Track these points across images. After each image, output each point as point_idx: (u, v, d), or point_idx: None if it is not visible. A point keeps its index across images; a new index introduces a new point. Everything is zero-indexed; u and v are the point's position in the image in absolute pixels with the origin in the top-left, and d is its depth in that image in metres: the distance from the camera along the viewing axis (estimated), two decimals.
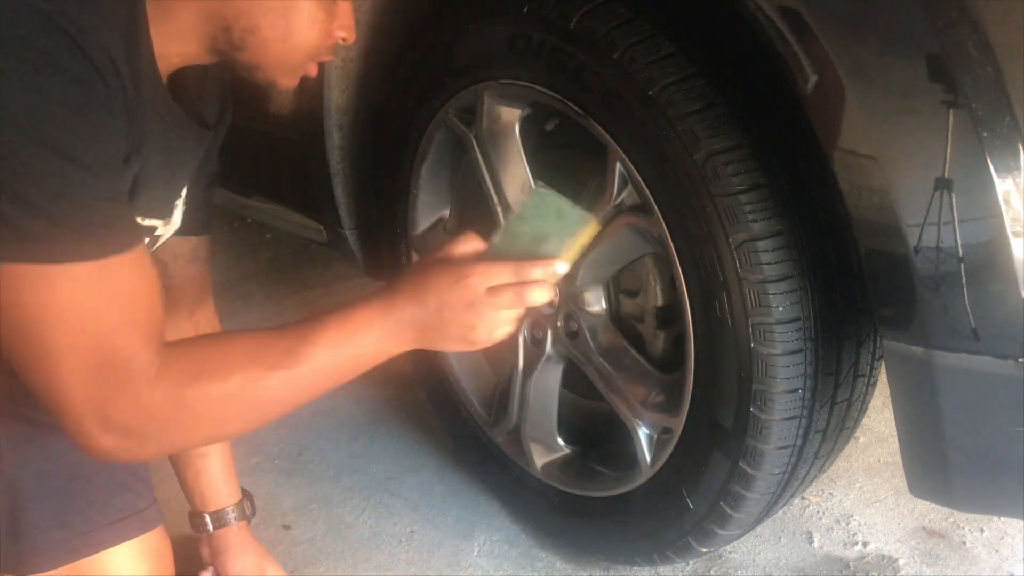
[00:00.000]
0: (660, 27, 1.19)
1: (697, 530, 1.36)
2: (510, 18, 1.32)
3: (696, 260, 1.19)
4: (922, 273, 0.98)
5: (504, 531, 1.69)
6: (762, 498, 1.29)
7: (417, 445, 1.92)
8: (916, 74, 0.94)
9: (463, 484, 1.80)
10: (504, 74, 1.36)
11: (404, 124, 1.56)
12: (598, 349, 1.41)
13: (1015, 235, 0.93)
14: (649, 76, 1.17)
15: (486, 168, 1.44)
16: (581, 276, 1.38)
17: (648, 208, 1.23)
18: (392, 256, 1.70)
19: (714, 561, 1.58)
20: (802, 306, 1.16)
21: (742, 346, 1.17)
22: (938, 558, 1.58)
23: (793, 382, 1.18)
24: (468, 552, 1.64)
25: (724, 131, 1.14)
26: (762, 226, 1.13)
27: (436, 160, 1.57)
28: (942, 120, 0.93)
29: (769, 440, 1.21)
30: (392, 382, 2.12)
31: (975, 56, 0.91)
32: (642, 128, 1.19)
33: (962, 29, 0.92)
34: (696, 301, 1.21)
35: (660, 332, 1.41)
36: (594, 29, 1.21)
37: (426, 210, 1.62)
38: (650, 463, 1.38)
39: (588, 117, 1.26)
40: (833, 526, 1.66)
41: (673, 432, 1.32)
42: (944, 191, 0.94)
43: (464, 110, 1.47)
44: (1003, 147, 0.92)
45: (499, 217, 1.45)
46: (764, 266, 1.14)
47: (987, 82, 0.91)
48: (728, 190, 1.13)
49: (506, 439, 1.63)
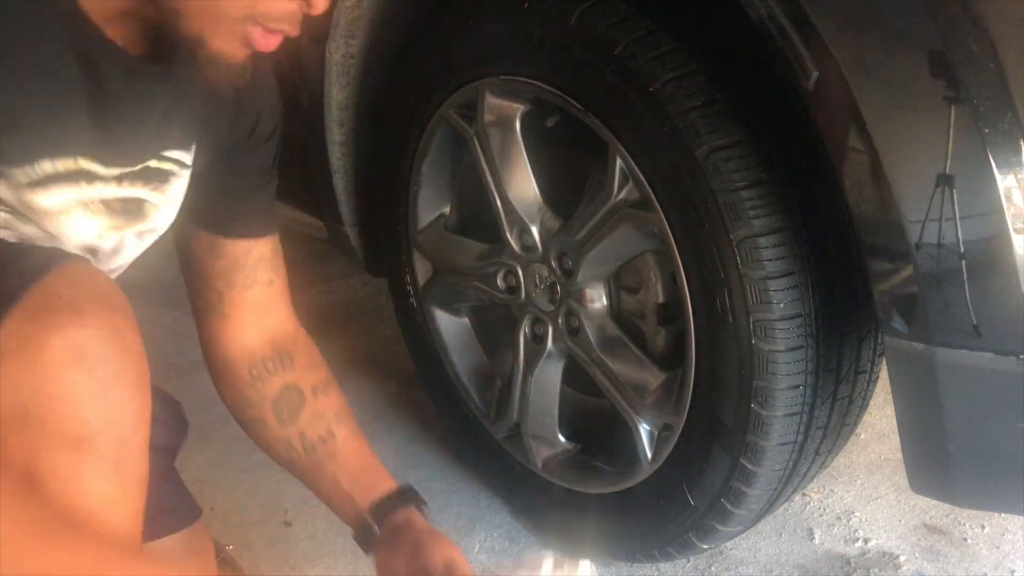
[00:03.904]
0: (660, 23, 1.19)
1: (698, 526, 1.36)
2: (511, 14, 1.32)
3: (697, 256, 1.18)
4: (923, 269, 0.98)
5: (505, 527, 1.69)
6: (763, 494, 1.29)
7: (418, 442, 1.92)
8: (917, 70, 0.94)
9: (464, 481, 1.80)
10: (505, 70, 1.36)
11: (405, 120, 1.56)
12: (599, 345, 1.41)
13: (1016, 231, 0.93)
14: (650, 72, 1.17)
15: (487, 164, 1.44)
16: (582, 273, 1.38)
17: (649, 204, 1.22)
18: (393, 253, 1.70)
19: (715, 557, 1.58)
20: (803, 302, 1.16)
21: (743, 342, 1.17)
22: (939, 554, 1.58)
23: (794, 378, 1.18)
24: (469, 548, 1.64)
25: (725, 127, 1.14)
26: (763, 222, 1.13)
27: (437, 157, 1.57)
28: (943, 116, 0.93)
29: (770, 436, 1.21)
30: (393, 379, 2.12)
31: (976, 52, 0.91)
32: (643, 124, 1.19)
33: (963, 25, 0.92)
34: (697, 297, 1.21)
35: (661, 328, 1.41)
36: (595, 25, 1.21)
37: (427, 207, 1.62)
38: (651, 459, 1.38)
39: (589, 113, 1.25)
40: (834, 522, 1.66)
41: (674, 429, 1.32)
42: (945, 187, 0.94)
43: (465, 106, 1.46)
44: (1004, 143, 0.92)
45: (500, 214, 1.45)
46: (765, 262, 1.14)
47: (988, 78, 0.91)
48: (729, 186, 1.13)
49: (507, 436, 1.63)
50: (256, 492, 1.50)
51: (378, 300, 2.44)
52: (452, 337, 1.70)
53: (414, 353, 1.78)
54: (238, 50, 0.91)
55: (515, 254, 1.47)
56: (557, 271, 1.42)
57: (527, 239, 1.44)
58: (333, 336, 2.28)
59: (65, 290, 0.84)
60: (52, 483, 0.83)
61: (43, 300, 0.83)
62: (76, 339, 0.83)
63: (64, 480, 0.84)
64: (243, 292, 1.20)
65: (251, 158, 1.15)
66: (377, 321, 2.37)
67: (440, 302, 1.68)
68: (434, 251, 1.63)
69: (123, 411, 0.87)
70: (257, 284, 1.20)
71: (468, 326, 1.71)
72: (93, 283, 0.88)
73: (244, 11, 0.88)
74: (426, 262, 1.66)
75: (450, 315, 1.69)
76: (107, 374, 0.85)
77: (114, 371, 0.86)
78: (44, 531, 0.80)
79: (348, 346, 2.26)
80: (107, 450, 0.86)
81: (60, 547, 0.79)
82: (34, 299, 0.82)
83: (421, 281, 1.67)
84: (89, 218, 0.99)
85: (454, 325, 1.70)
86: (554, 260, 1.41)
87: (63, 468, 0.83)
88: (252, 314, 1.21)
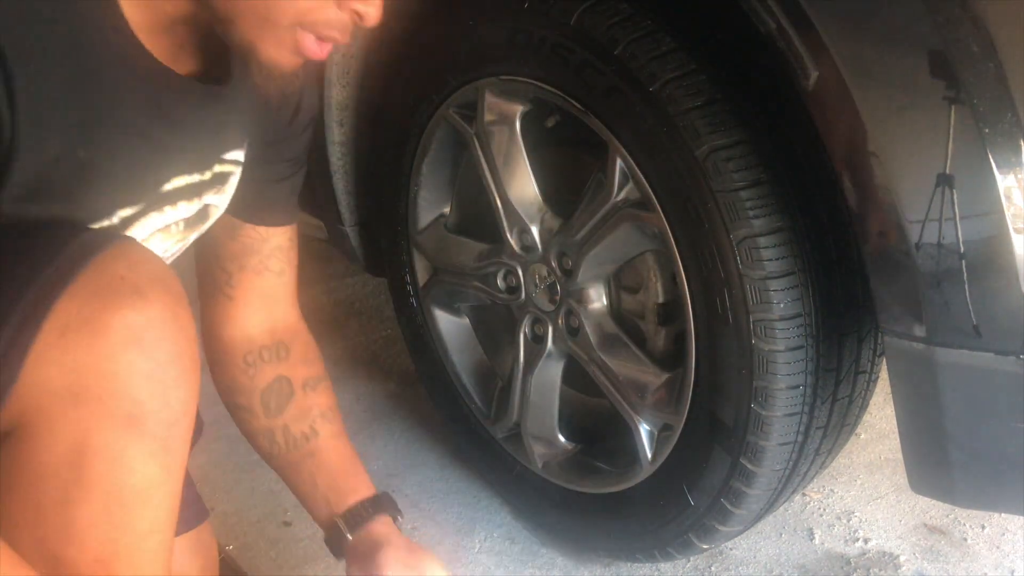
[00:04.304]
0: (661, 23, 1.19)
1: (698, 526, 1.36)
2: (511, 14, 1.32)
3: (697, 256, 1.18)
4: (923, 269, 0.98)
5: (505, 528, 1.69)
6: (763, 494, 1.29)
7: (418, 442, 1.92)
8: (917, 70, 0.94)
9: (464, 481, 1.80)
10: (505, 70, 1.36)
11: (405, 120, 1.56)
12: (599, 345, 1.41)
13: (1016, 231, 0.93)
14: (650, 72, 1.17)
15: (487, 164, 1.44)
16: (582, 273, 1.38)
17: (649, 204, 1.22)
18: (393, 253, 1.70)
19: (715, 558, 1.58)
20: (803, 302, 1.16)
21: (743, 342, 1.17)
22: (939, 554, 1.58)
23: (794, 378, 1.18)
24: (469, 549, 1.64)
25: (725, 127, 1.14)
26: (763, 222, 1.13)
27: (437, 157, 1.57)
28: (943, 116, 0.93)
29: (770, 436, 1.21)
30: (393, 379, 2.12)
31: (976, 52, 0.91)
32: (643, 124, 1.19)
33: (963, 25, 0.92)
34: (697, 297, 1.21)
35: (661, 328, 1.41)
36: (595, 25, 1.21)
37: (427, 207, 1.62)
38: (651, 459, 1.38)
39: (589, 113, 1.25)
40: (834, 522, 1.66)
41: (674, 429, 1.32)
42: (945, 187, 0.94)
43: (465, 106, 1.46)
44: (1004, 143, 0.92)
45: (499, 214, 1.45)
46: (765, 262, 1.14)
47: (988, 78, 0.91)
48: (729, 186, 1.13)
49: (507, 436, 1.63)
50: (256, 492, 1.50)
51: (378, 300, 2.44)
52: (452, 337, 1.70)
53: (414, 353, 1.78)
54: (288, 58, 0.90)
55: (515, 254, 1.47)
56: (557, 271, 1.42)
57: (527, 239, 1.44)
58: (333, 336, 2.29)
59: (126, 271, 0.86)
60: (100, 460, 0.85)
61: (105, 280, 0.84)
62: (137, 320, 0.84)
63: (113, 458, 0.85)
64: (253, 277, 1.20)
65: (287, 147, 1.15)
66: (377, 321, 2.37)
67: (440, 302, 1.68)
68: (434, 251, 1.63)
69: (175, 394, 0.89)
70: (268, 272, 1.20)
71: (468, 326, 1.71)
72: (153, 266, 0.90)
73: (296, 19, 0.87)
74: (426, 262, 1.66)
75: (450, 315, 1.69)
76: (164, 356, 0.87)
77: (170, 354, 0.87)
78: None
79: (348, 346, 2.26)
80: (157, 431, 0.87)
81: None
82: (95, 277, 0.84)
83: (421, 281, 1.67)
84: (166, 238, 1.02)
85: (454, 325, 1.70)
86: (554, 260, 1.41)
87: (113, 446, 0.85)
88: (258, 300, 1.21)
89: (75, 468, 0.84)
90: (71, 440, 0.84)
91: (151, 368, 0.86)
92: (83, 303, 0.82)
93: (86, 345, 0.82)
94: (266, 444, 1.23)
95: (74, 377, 0.83)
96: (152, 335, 0.85)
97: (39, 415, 0.83)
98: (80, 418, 0.84)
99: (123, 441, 0.86)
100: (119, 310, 0.83)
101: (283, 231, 1.20)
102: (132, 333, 0.84)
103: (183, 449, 0.92)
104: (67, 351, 0.82)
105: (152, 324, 0.85)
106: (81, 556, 0.87)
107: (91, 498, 0.85)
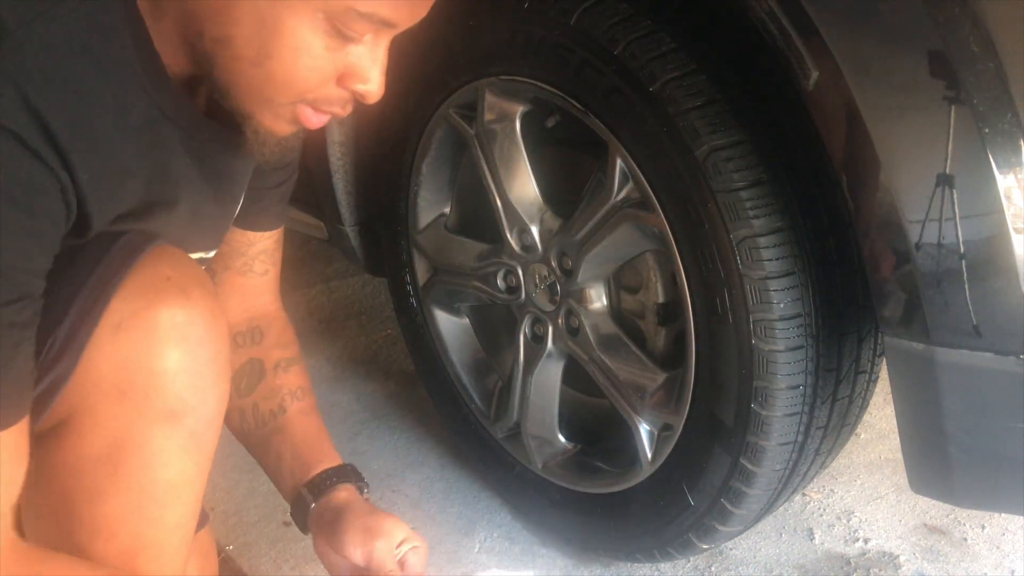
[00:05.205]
0: (661, 23, 1.19)
1: (698, 526, 1.36)
2: (511, 14, 1.32)
3: (697, 256, 1.18)
4: (923, 269, 0.98)
5: (505, 528, 1.69)
6: (763, 494, 1.29)
7: (418, 442, 1.92)
8: (917, 70, 0.94)
9: (464, 481, 1.80)
10: (504, 70, 1.36)
11: (405, 120, 1.56)
12: (599, 345, 1.41)
13: (1016, 231, 0.93)
14: (650, 72, 1.17)
15: (487, 165, 1.44)
16: (582, 273, 1.38)
17: (649, 204, 1.22)
18: (393, 253, 1.70)
19: (715, 558, 1.58)
20: (803, 302, 1.16)
21: (743, 342, 1.17)
22: (939, 555, 1.58)
23: (794, 378, 1.18)
24: (469, 548, 1.64)
25: (725, 127, 1.14)
26: (763, 222, 1.13)
27: (437, 157, 1.57)
28: (943, 116, 0.93)
29: (770, 436, 1.21)
30: (393, 378, 2.12)
31: (976, 52, 0.91)
32: (643, 124, 1.19)
33: (963, 25, 0.92)
34: (697, 297, 1.21)
35: (661, 328, 1.41)
36: (595, 25, 1.21)
37: (427, 207, 1.62)
38: (651, 459, 1.38)
39: (589, 113, 1.25)
40: (834, 523, 1.66)
41: (674, 428, 1.32)
42: (945, 187, 0.94)
43: (465, 106, 1.46)
44: (1004, 143, 0.92)
45: (500, 214, 1.45)
46: (765, 262, 1.14)
47: (988, 78, 0.91)
48: (729, 186, 1.13)
49: (507, 436, 1.63)
50: (256, 492, 1.50)
51: (378, 300, 2.44)
52: (452, 337, 1.70)
53: (414, 353, 1.78)
54: (285, 127, 0.91)
55: (515, 254, 1.47)
56: (557, 271, 1.42)
57: (527, 239, 1.44)
58: (333, 336, 2.29)
59: (171, 272, 0.89)
60: (138, 455, 0.88)
61: (152, 279, 0.88)
62: (183, 319, 0.88)
63: (152, 452, 0.88)
64: (236, 277, 1.23)
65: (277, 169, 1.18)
66: (377, 321, 2.37)
67: (440, 302, 1.68)
68: (434, 251, 1.63)
69: (213, 392, 0.92)
70: (252, 273, 1.23)
71: (468, 326, 1.71)
72: (193, 268, 0.94)
73: (296, 98, 0.88)
74: (426, 262, 1.66)
75: (450, 315, 1.69)
76: (205, 355, 0.90)
77: (211, 353, 0.91)
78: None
79: (348, 346, 2.26)
80: (195, 428, 0.91)
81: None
82: (143, 277, 0.87)
83: (421, 281, 1.67)
84: None
85: (454, 325, 1.70)
86: (554, 260, 1.41)
87: (153, 440, 0.88)
88: (239, 297, 1.24)
89: (111, 463, 0.87)
90: (111, 435, 0.86)
91: (194, 366, 0.89)
92: (133, 301, 0.86)
93: (136, 341, 0.86)
94: (238, 423, 1.25)
95: (124, 374, 0.86)
96: (196, 333, 0.89)
97: (84, 410, 0.86)
98: (123, 413, 0.86)
99: (162, 436, 0.88)
100: (168, 308, 0.87)
101: (270, 235, 1.23)
102: (179, 331, 0.87)
103: (213, 447, 0.95)
104: (119, 347, 0.85)
105: (195, 323, 0.88)
106: (107, 549, 0.89)
107: (124, 492, 0.88)
